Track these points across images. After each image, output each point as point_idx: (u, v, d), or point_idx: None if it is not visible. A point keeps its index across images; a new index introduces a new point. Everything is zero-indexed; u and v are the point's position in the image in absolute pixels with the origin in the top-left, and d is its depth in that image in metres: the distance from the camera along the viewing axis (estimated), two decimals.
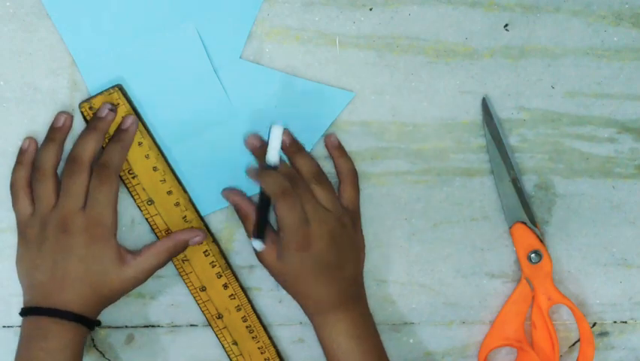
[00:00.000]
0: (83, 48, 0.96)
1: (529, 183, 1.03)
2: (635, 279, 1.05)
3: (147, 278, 0.96)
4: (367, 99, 1.00)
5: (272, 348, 1.01)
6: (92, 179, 0.93)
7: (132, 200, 0.98)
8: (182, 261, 0.99)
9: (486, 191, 1.02)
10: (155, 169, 0.97)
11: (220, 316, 1.00)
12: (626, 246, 1.04)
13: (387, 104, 1.00)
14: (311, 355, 1.03)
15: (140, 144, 0.96)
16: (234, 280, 1.00)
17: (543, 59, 1.01)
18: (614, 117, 1.02)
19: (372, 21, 0.99)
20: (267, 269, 0.98)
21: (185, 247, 0.97)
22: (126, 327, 1.01)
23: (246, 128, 0.98)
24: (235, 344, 1.00)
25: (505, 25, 1.00)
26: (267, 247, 0.96)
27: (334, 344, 0.96)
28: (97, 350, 1.01)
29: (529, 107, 1.01)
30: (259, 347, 1.01)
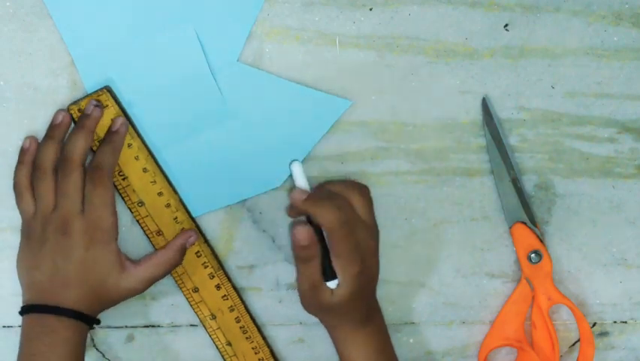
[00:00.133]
0: (82, 48, 0.96)
1: (529, 183, 1.03)
2: (635, 279, 1.05)
3: (146, 288, 0.95)
4: (367, 99, 1.00)
5: (266, 348, 1.01)
6: (86, 183, 0.92)
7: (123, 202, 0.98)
8: (175, 268, 0.98)
9: (486, 191, 1.02)
10: (145, 170, 0.97)
11: (213, 316, 1.00)
12: (626, 246, 1.04)
13: (387, 104, 1.00)
14: (311, 355, 1.03)
15: (129, 146, 0.96)
16: (227, 281, 0.99)
17: (543, 59, 1.01)
18: (614, 117, 1.02)
19: (372, 21, 0.99)
20: (311, 306, 0.94)
21: (184, 252, 0.96)
22: (126, 327, 1.01)
23: (240, 132, 0.98)
24: (229, 344, 1.00)
25: (505, 25, 1.00)
26: (323, 287, 0.92)
27: (359, 358, 0.95)
28: (97, 350, 1.01)
29: (529, 107, 1.01)
30: (253, 348, 1.01)
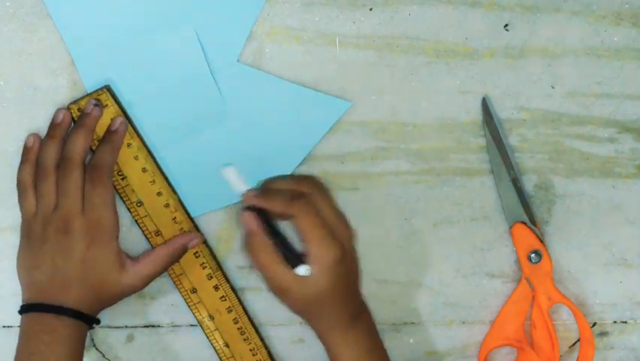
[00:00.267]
0: (82, 48, 0.96)
1: (529, 183, 1.03)
2: (635, 279, 1.05)
3: (146, 285, 0.95)
4: (367, 99, 1.00)
5: (264, 350, 1.01)
6: (85, 182, 0.92)
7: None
8: (173, 264, 0.98)
9: (486, 191, 1.02)
10: (144, 170, 0.97)
11: (211, 317, 1.00)
12: (626, 246, 1.04)
13: (387, 104, 1.00)
14: (311, 355, 1.03)
15: (129, 146, 0.96)
16: (225, 282, 0.99)
17: (543, 59, 1.01)
18: (614, 117, 1.02)
19: (372, 21, 0.99)
20: (288, 299, 0.89)
21: (183, 251, 0.97)
22: (126, 327, 1.01)
23: (240, 132, 0.98)
24: (227, 345, 1.00)
25: (505, 25, 1.00)
26: (288, 274, 0.88)
27: (351, 358, 0.92)
28: (97, 350, 1.01)
29: (529, 107, 1.01)
30: (251, 349, 1.00)
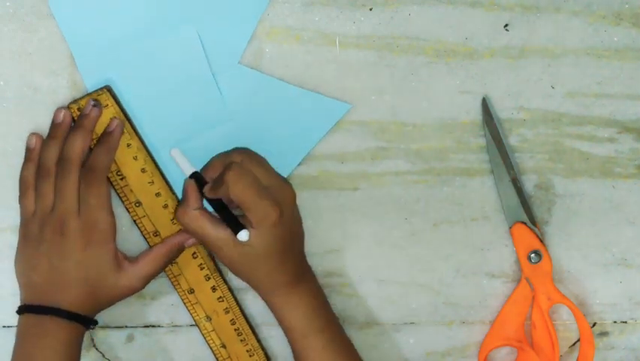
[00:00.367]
0: (84, 48, 0.96)
1: (529, 183, 1.03)
2: (635, 279, 1.05)
3: (144, 285, 0.95)
4: (367, 99, 1.00)
5: (260, 351, 1.00)
6: (81, 183, 0.92)
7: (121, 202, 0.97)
8: (171, 263, 0.98)
9: (486, 191, 1.02)
10: (143, 171, 0.97)
11: (208, 318, 1.00)
12: (626, 246, 1.04)
13: (387, 104, 1.00)
14: None
15: (128, 146, 0.96)
16: (223, 283, 0.99)
17: (543, 59, 1.01)
18: (614, 117, 1.02)
19: (372, 21, 0.99)
20: (228, 260, 0.93)
21: (181, 250, 0.97)
22: (126, 327, 1.01)
23: (240, 133, 0.98)
24: (223, 346, 1.00)
25: (505, 25, 1.00)
26: (227, 237, 0.92)
27: (297, 319, 0.94)
28: (97, 350, 1.01)
29: (529, 107, 1.01)
30: (247, 350, 1.00)
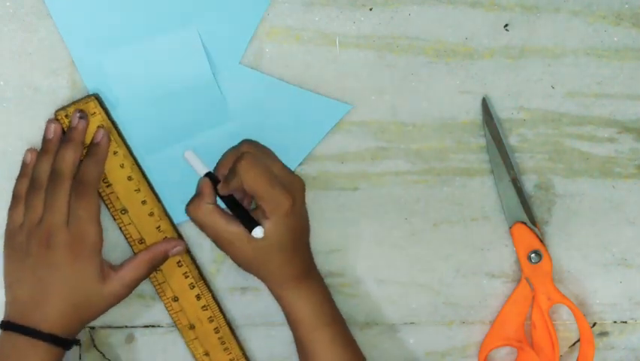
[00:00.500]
0: (82, 48, 0.95)
1: (529, 183, 1.03)
2: (635, 279, 1.05)
3: (129, 292, 0.95)
4: (367, 99, 1.00)
5: (244, 360, 1.01)
6: (71, 196, 0.92)
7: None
8: (155, 271, 0.98)
9: (486, 191, 1.02)
10: (129, 179, 0.97)
11: (192, 326, 1.00)
12: (626, 246, 1.04)
13: (387, 104, 1.00)
14: None
15: (115, 154, 0.96)
16: (207, 291, 0.99)
17: (543, 59, 1.01)
18: (614, 117, 1.02)
19: (372, 21, 0.99)
20: (241, 255, 0.93)
21: (165, 258, 0.96)
22: (126, 327, 1.01)
23: (240, 134, 0.97)
24: (207, 354, 1.00)
25: (505, 25, 1.00)
26: (240, 231, 0.92)
27: (306, 312, 0.94)
28: (97, 350, 1.01)
29: (529, 107, 1.01)
30: (231, 359, 1.00)
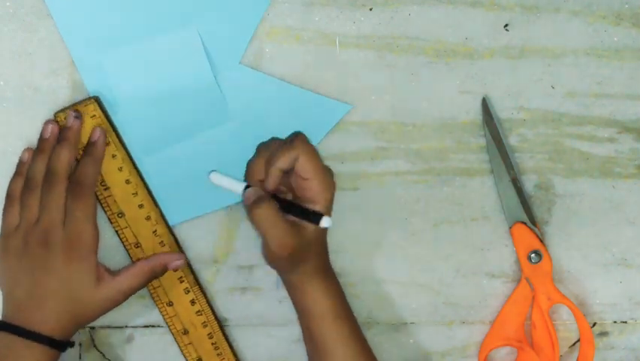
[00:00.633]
0: (83, 49, 0.95)
1: (529, 183, 1.03)
2: (635, 279, 1.05)
3: (125, 299, 0.94)
4: (367, 99, 1.00)
5: None
6: (67, 196, 0.92)
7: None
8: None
9: (486, 191, 1.02)
10: (127, 182, 0.97)
11: (186, 331, 1.00)
12: (626, 246, 1.04)
13: (387, 104, 1.00)
14: None
15: (113, 157, 0.96)
16: (202, 296, 0.99)
17: (543, 59, 1.01)
18: (614, 117, 1.02)
19: (372, 21, 0.99)
20: (289, 248, 0.91)
21: (164, 270, 0.96)
22: (126, 327, 1.01)
23: (240, 134, 0.97)
24: (200, 360, 1.00)
25: (505, 25, 1.00)
26: (291, 227, 0.91)
27: (331, 303, 0.94)
28: (97, 350, 1.01)
29: (529, 107, 1.01)
30: None
